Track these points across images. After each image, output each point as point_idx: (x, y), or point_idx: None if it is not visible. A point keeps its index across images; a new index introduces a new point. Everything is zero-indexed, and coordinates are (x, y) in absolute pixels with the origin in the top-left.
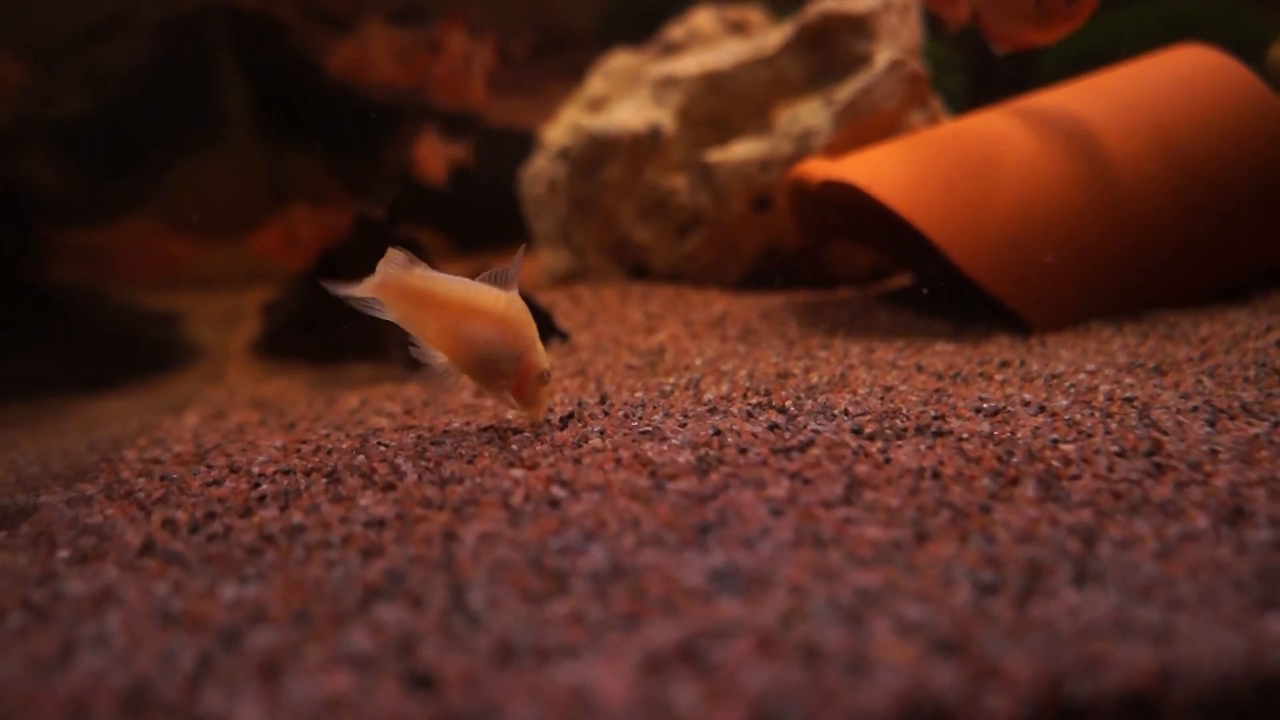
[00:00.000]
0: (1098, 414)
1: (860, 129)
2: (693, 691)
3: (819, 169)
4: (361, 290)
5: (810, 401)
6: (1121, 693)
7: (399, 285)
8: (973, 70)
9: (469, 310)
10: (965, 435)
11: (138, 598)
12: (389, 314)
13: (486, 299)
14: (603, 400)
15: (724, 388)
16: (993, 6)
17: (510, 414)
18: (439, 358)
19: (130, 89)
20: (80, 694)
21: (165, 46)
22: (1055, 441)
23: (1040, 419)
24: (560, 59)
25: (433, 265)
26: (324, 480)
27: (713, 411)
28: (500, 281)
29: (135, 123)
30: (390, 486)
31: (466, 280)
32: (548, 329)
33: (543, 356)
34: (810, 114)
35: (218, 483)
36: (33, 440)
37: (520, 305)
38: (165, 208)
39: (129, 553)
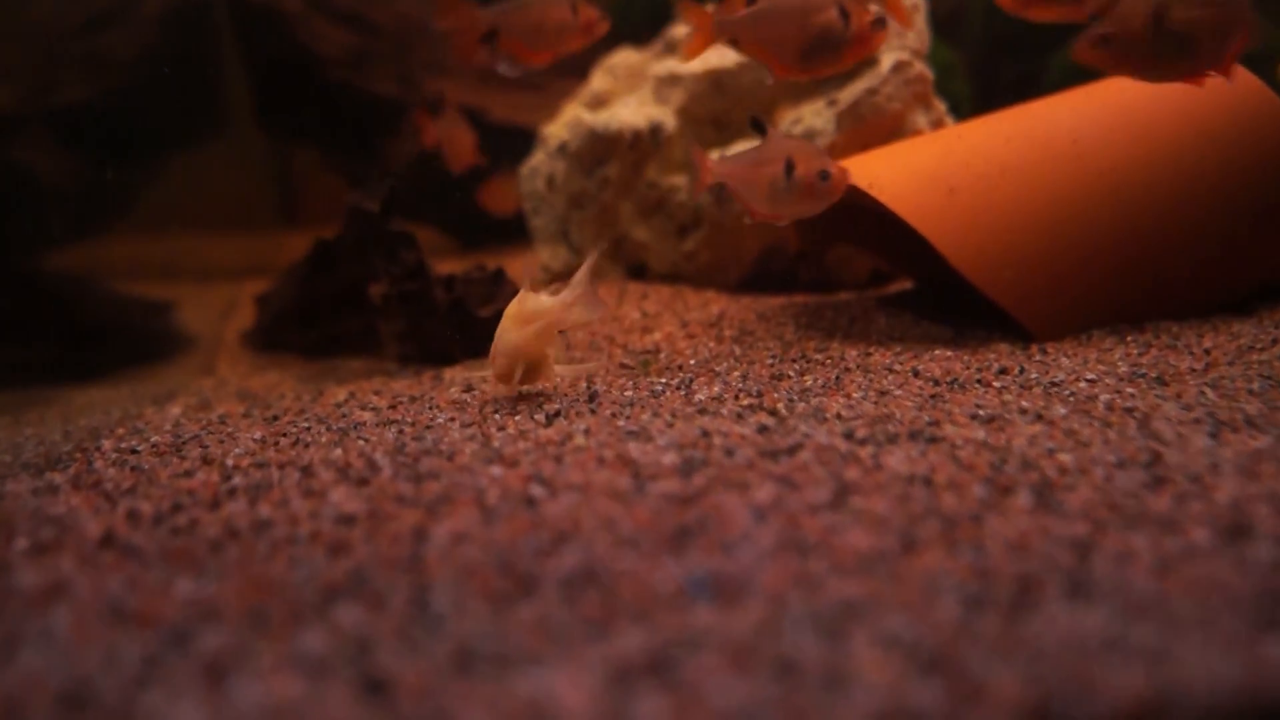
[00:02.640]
0: (1096, 424)
1: (864, 131)
2: (658, 706)
3: None
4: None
5: (802, 404)
6: (1112, 717)
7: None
8: (979, 75)
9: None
10: (959, 442)
11: (90, 592)
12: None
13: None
14: (591, 399)
15: (716, 389)
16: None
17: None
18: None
19: (132, 78)
20: (17, 693)
21: (168, 36)
22: (1051, 450)
23: (1037, 427)
24: (567, 57)
25: (429, 262)
26: (298, 474)
27: (702, 412)
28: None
29: (136, 112)
30: (364, 482)
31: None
32: None
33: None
34: (813, 115)
35: (189, 474)
36: (11, 429)
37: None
38: (165, 198)
39: (88, 545)
